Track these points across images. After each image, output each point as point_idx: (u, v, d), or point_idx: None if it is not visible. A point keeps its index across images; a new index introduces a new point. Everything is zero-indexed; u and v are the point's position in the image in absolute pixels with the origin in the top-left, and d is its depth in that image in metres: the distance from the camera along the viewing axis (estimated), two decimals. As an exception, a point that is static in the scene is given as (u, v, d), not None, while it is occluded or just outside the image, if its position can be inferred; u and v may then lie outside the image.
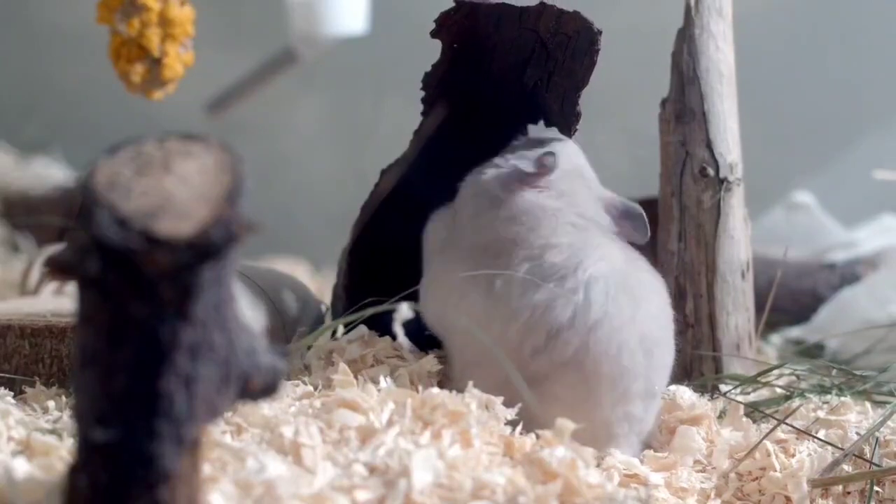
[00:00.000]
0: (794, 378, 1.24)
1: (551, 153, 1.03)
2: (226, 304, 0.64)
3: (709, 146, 1.22)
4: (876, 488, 0.97)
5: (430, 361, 1.03)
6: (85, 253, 0.60)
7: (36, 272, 1.48)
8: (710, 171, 1.22)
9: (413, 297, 1.02)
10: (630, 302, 0.98)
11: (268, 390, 0.68)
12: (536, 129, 1.15)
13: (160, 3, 1.29)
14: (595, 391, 0.97)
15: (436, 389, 0.93)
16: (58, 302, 1.27)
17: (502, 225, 1.02)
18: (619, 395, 0.97)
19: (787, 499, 0.97)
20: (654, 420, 1.04)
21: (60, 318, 1.08)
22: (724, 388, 1.18)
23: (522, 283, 0.97)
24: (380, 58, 2.40)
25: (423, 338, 1.07)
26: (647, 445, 1.03)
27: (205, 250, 0.60)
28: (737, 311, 1.23)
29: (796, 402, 1.12)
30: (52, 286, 1.43)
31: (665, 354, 1.02)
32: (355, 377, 0.98)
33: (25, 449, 0.84)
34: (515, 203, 1.03)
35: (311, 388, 0.99)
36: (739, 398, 1.15)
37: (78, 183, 0.62)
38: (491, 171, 1.06)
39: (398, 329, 0.83)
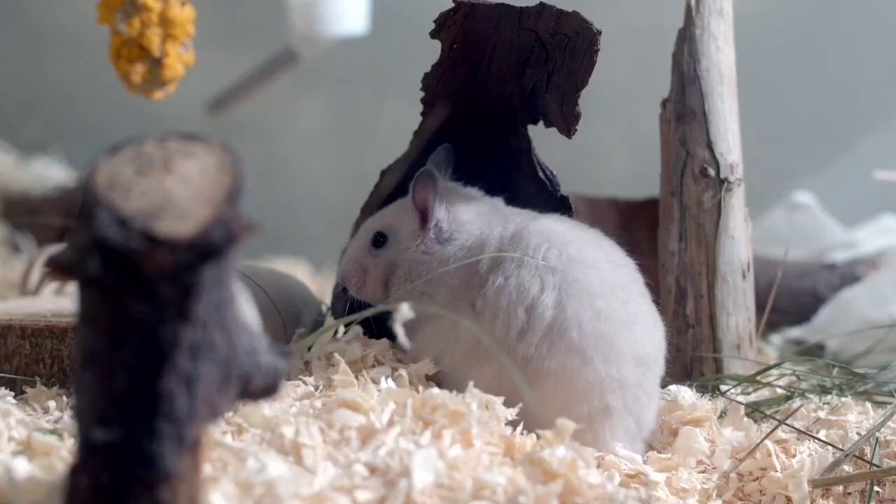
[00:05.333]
0: (794, 378, 1.24)
1: None
2: (226, 304, 0.64)
3: (709, 146, 1.22)
4: (876, 488, 0.97)
5: (427, 364, 1.03)
6: (85, 253, 0.60)
7: (36, 272, 1.48)
8: (711, 172, 1.22)
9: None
10: (580, 249, 1.02)
11: (268, 390, 0.68)
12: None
13: (161, 4, 1.29)
14: (582, 350, 0.98)
15: (436, 390, 0.93)
16: (58, 302, 1.27)
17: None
18: (606, 349, 0.98)
19: (788, 499, 0.97)
20: (655, 417, 1.03)
21: (61, 318, 1.08)
22: (724, 388, 1.18)
23: (495, 280, 1.02)
24: (380, 58, 2.40)
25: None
26: (649, 446, 1.03)
27: (205, 250, 0.60)
28: (737, 311, 1.23)
29: (797, 402, 1.12)
30: (52, 286, 1.44)
31: (638, 301, 1.03)
32: (356, 378, 0.98)
33: (26, 449, 0.84)
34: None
35: (311, 388, 0.99)
36: (740, 398, 1.15)
37: (79, 183, 0.62)
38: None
39: (399, 329, 0.83)
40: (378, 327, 1.10)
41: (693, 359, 1.22)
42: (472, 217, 1.10)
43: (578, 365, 0.98)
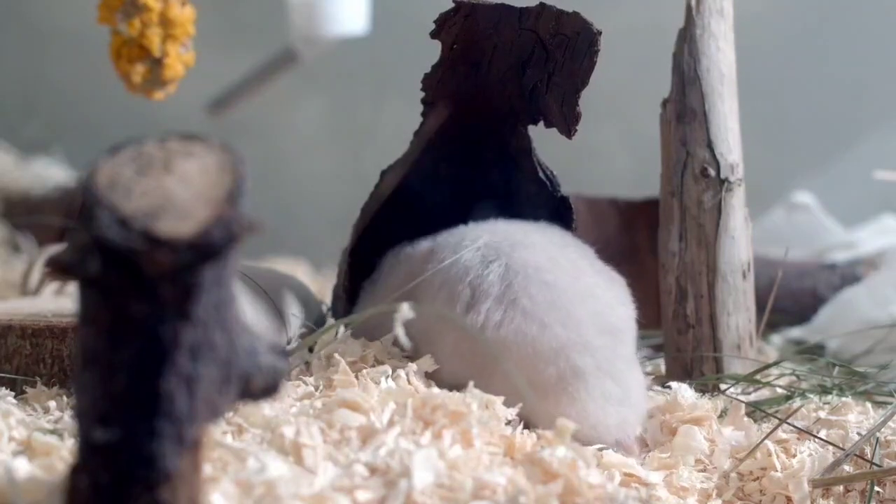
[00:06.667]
0: (794, 378, 1.24)
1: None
2: (226, 304, 0.64)
3: (710, 146, 1.22)
4: (876, 488, 0.97)
5: (427, 362, 1.03)
6: (86, 253, 0.60)
7: (37, 272, 1.48)
8: (711, 172, 1.22)
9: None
10: (524, 235, 1.03)
11: (269, 390, 0.68)
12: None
13: (161, 4, 1.29)
14: (538, 317, 0.97)
15: (436, 389, 0.93)
16: (59, 302, 1.27)
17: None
18: (563, 316, 0.97)
19: (788, 499, 0.97)
20: (642, 391, 1.03)
21: (61, 318, 1.08)
22: (724, 387, 1.18)
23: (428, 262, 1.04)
24: (380, 58, 2.40)
25: None
26: (647, 448, 1.03)
27: (205, 250, 0.60)
28: (737, 311, 1.23)
29: (797, 402, 1.12)
30: (52, 286, 1.44)
31: (592, 277, 1.03)
32: (356, 377, 0.98)
33: (26, 449, 0.84)
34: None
35: (311, 388, 0.99)
36: (741, 398, 1.15)
37: (79, 183, 0.62)
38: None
39: (399, 329, 0.83)
40: None
41: (693, 359, 1.22)
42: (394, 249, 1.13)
43: (537, 331, 0.97)
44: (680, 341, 1.23)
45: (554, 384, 0.96)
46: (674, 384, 1.10)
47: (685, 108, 1.23)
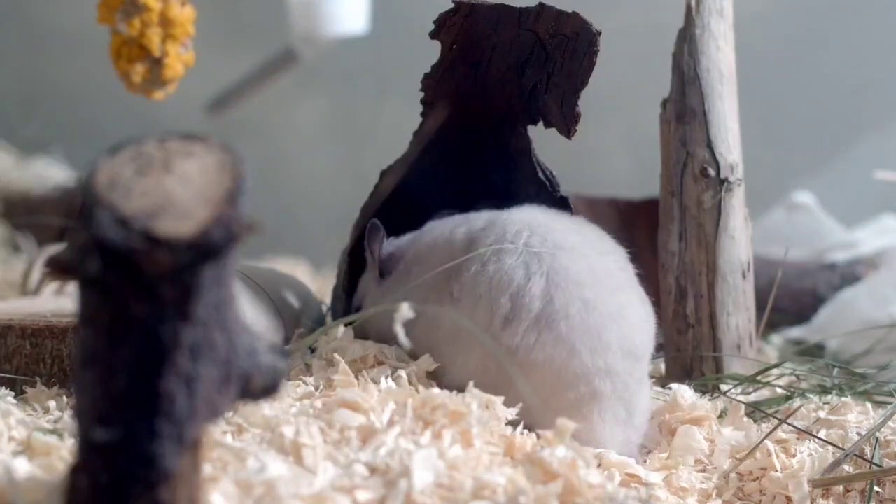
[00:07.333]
0: (794, 378, 1.24)
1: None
2: (226, 304, 0.64)
3: (709, 146, 1.22)
4: (876, 488, 0.97)
5: (427, 361, 1.03)
6: (85, 253, 0.60)
7: (36, 272, 1.48)
8: (711, 172, 1.22)
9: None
10: (563, 236, 1.01)
11: (268, 390, 0.68)
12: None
13: (161, 3, 1.29)
14: (570, 342, 0.96)
15: (436, 389, 0.93)
16: (59, 302, 1.27)
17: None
18: (594, 341, 0.97)
19: (788, 499, 0.97)
20: (647, 405, 1.03)
21: (61, 318, 1.08)
22: (724, 387, 1.18)
23: (470, 266, 1.01)
24: (380, 58, 2.40)
25: None
26: (645, 449, 1.03)
27: (205, 250, 0.60)
28: (737, 311, 1.23)
29: (797, 402, 1.12)
30: (52, 286, 1.44)
31: (627, 292, 1.01)
32: (356, 377, 0.98)
33: (26, 449, 0.84)
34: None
35: (311, 388, 0.99)
36: (740, 398, 1.15)
37: (79, 183, 0.62)
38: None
39: (399, 329, 0.82)
40: None
41: (693, 359, 1.22)
42: (417, 236, 1.11)
43: (566, 357, 0.96)
44: (680, 341, 1.23)
45: (569, 406, 0.95)
46: (673, 386, 1.10)
47: (685, 108, 1.23)
